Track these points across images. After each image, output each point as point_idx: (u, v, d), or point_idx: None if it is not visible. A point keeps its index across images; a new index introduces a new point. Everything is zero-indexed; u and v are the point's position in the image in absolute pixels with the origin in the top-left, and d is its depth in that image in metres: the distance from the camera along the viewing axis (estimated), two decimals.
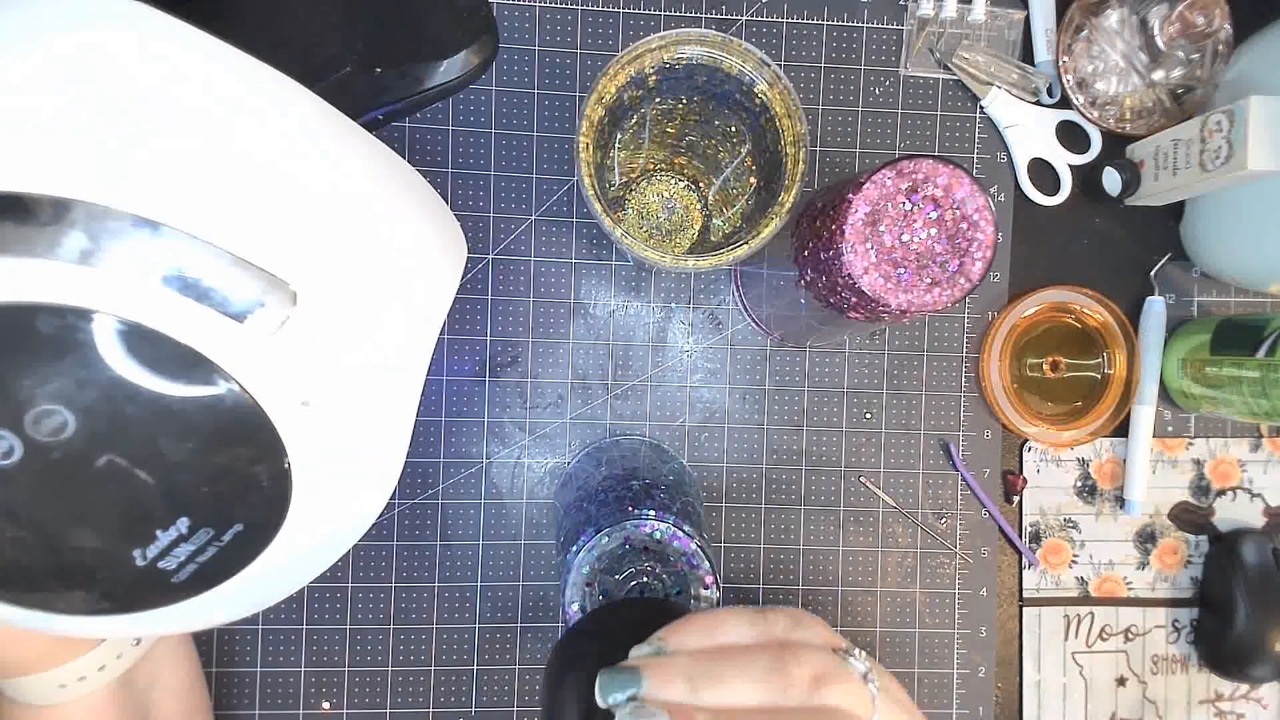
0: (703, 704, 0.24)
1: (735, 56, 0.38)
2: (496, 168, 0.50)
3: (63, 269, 0.23)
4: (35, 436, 0.24)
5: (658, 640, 0.27)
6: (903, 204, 0.34)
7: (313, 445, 0.28)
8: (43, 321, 0.23)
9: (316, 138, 0.28)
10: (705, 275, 0.51)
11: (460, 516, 0.50)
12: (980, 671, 0.53)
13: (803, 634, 0.27)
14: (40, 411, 0.24)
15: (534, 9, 0.49)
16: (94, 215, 0.23)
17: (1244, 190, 0.47)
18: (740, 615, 0.27)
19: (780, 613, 0.27)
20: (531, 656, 0.51)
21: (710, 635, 0.27)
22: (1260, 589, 0.51)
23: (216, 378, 0.25)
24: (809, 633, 0.27)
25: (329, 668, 0.49)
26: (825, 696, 0.25)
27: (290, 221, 0.27)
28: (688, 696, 0.24)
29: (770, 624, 0.27)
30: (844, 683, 0.25)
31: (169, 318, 0.24)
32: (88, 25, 0.25)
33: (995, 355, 0.51)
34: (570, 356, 0.51)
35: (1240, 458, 0.54)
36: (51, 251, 0.23)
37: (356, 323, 0.28)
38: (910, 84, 0.52)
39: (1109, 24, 0.50)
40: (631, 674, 0.25)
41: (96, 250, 0.23)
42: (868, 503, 0.52)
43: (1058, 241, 0.53)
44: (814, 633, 0.27)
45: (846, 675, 0.25)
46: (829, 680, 0.25)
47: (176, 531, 0.26)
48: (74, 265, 0.23)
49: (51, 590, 0.26)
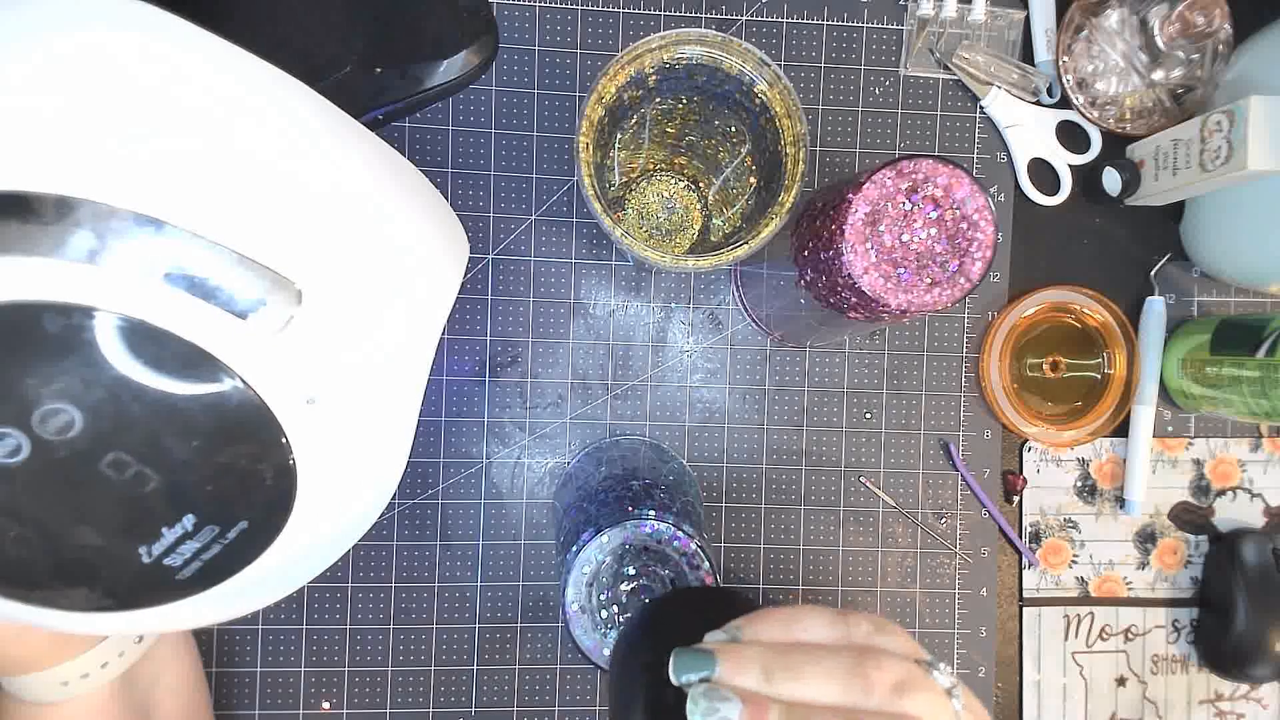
0: (778, 695, 0.24)
1: (735, 56, 0.38)
2: (496, 168, 0.50)
3: (68, 268, 0.23)
4: (42, 434, 0.24)
5: (734, 628, 0.26)
6: (903, 204, 0.34)
7: (317, 443, 0.28)
8: (49, 320, 0.23)
9: (318, 136, 0.28)
10: (705, 275, 0.51)
11: (460, 516, 0.50)
12: (980, 671, 0.53)
13: (885, 640, 0.26)
14: (47, 410, 0.24)
15: (534, 9, 0.49)
16: (99, 214, 0.23)
17: (1244, 190, 0.47)
18: (821, 613, 0.27)
19: (863, 617, 0.27)
20: (531, 657, 0.51)
21: (788, 630, 0.26)
22: (1260, 589, 0.51)
23: (222, 375, 0.25)
24: (892, 640, 0.26)
25: (329, 668, 0.49)
26: (907, 705, 0.24)
27: (294, 220, 0.27)
28: (762, 686, 0.24)
29: (852, 626, 0.26)
30: (928, 693, 0.24)
31: (174, 316, 0.24)
32: (89, 25, 0.25)
33: (995, 355, 0.51)
34: (570, 356, 0.51)
35: (1240, 458, 0.54)
36: (56, 250, 0.23)
37: (360, 321, 0.29)
38: (910, 84, 0.52)
39: (1109, 24, 0.50)
40: (707, 656, 0.24)
41: (101, 249, 0.23)
42: (868, 503, 0.52)
43: (1058, 241, 0.53)
44: (897, 642, 0.26)
45: (930, 686, 0.25)
46: (912, 689, 0.24)
47: (182, 529, 0.26)
48: (79, 264, 0.23)
49: (56, 587, 0.26)
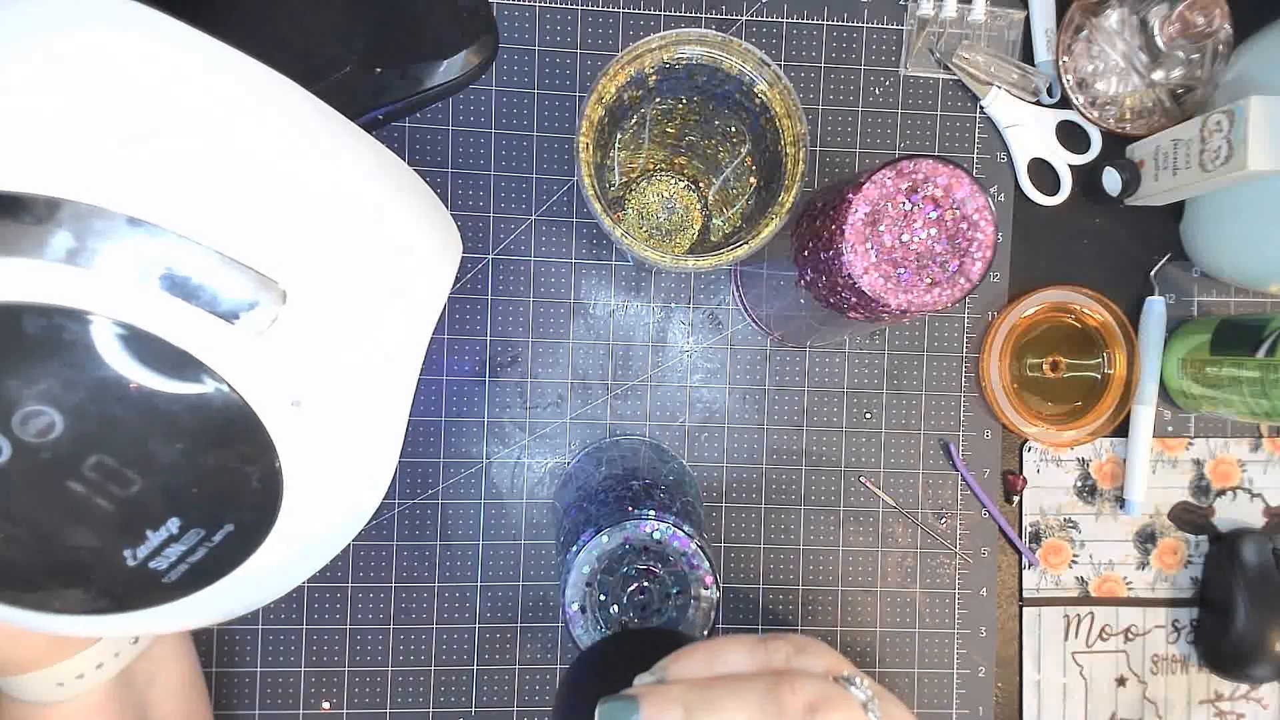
0: None
1: (735, 56, 0.38)
2: (496, 168, 0.50)
3: (50, 268, 0.23)
4: (23, 437, 0.24)
5: (660, 668, 0.27)
6: (903, 204, 0.34)
7: (304, 445, 0.27)
8: (30, 321, 0.23)
9: (306, 136, 0.28)
10: (705, 275, 0.51)
11: (460, 516, 0.50)
12: (980, 671, 0.53)
13: (803, 661, 0.26)
14: (28, 412, 0.23)
15: (534, 9, 0.49)
16: (81, 214, 0.23)
17: (1244, 190, 0.47)
18: (740, 643, 0.27)
19: (782, 640, 0.27)
20: (531, 657, 0.51)
21: (710, 664, 0.26)
22: (1260, 589, 0.51)
23: (206, 378, 0.25)
24: (810, 660, 0.26)
25: (329, 668, 0.49)
26: None
27: (280, 221, 0.26)
28: None
29: (771, 652, 0.27)
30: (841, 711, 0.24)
31: (158, 318, 0.24)
32: (87, 25, 0.25)
33: (995, 355, 0.51)
34: (570, 356, 0.51)
35: (1240, 458, 0.54)
36: (39, 250, 0.23)
37: (348, 322, 0.28)
38: (910, 84, 0.52)
39: (1109, 24, 0.50)
40: (629, 702, 0.25)
41: (84, 249, 0.23)
42: (868, 503, 0.52)
43: (1058, 241, 0.53)
44: (816, 660, 0.27)
45: (844, 703, 0.25)
46: (825, 707, 0.24)
47: (167, 532, 0.26)
48: (62, 264, 0.23)
49: (43, 590, 0.26)
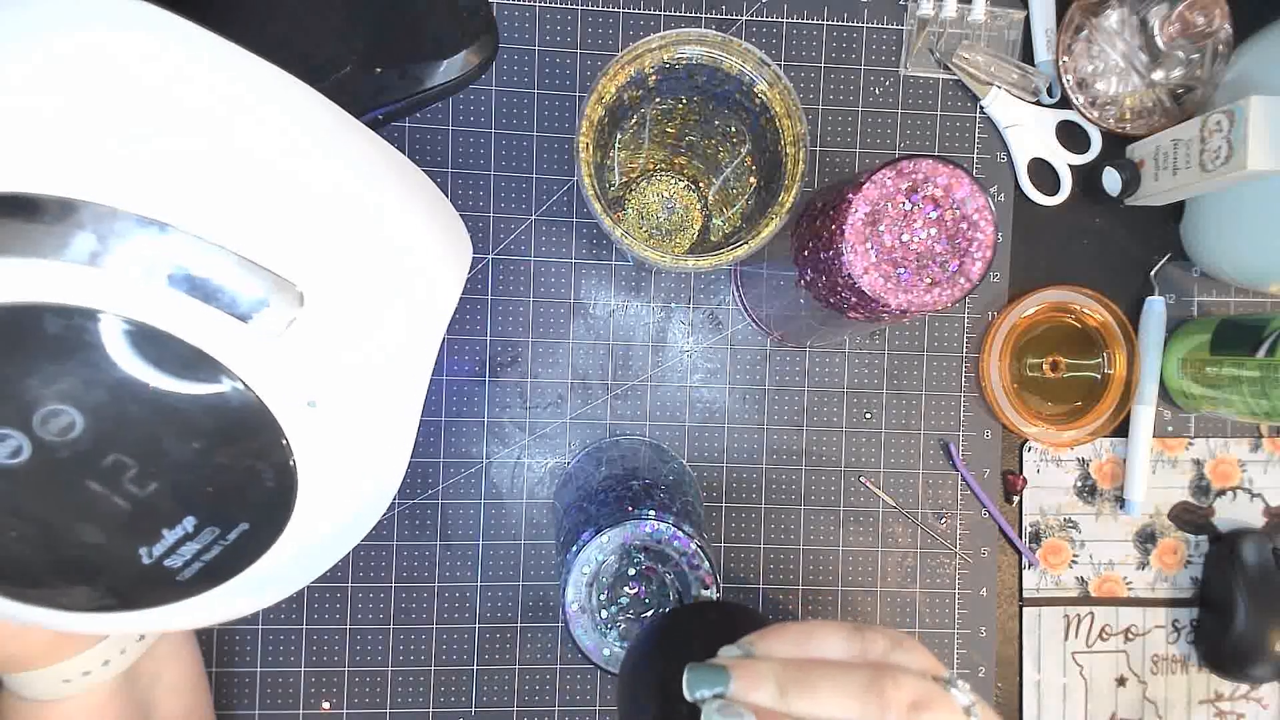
0: (793, 712, 0.24)
1: (735, 56, 0.38)
2: (496, 168, 0.50)
3: (69, 269, 0.23)
4: (43, 436, 0.24)
5: (748, 643, 0.26)
6: (903, 204, 0.34)
7: (318, 445, 0.28)
8: (50, 321, 0.23)
9: (320, 136, 0.28)
10: (705, 275, 0.51)
11: (460, 516, 0.50)
12: (980, 671, 0.53)
13: (902, 657, 0.26)
14: (48, 411, 0.24)
15: (534, 9, 0.49)
16: (100, 216, 0.23)
17: (1244, 190, 0.47)
18: (836, 629, 0.26)
19: (879, 633, 0.26)
20: (531, 657, 0.51)
21: (803, 646, 0.26)
22: (1260, 589, 0.51)
23: (223, 378, 0.25)
24: (909, 657, 0.26)
25: (329, 668, 0.49)
26: None
27: (296, 222, 0.27)
28: (777, 703, 0.24)
29: (868, 643, 0.26)
30: (945, 712, 0.24)
31: (175, 318, 0.24)
32: (89, 25, 0.25)
33: (995, 355, 0.51)
34: (570, 356, 0.51)
35: (1240, 458, 0.54)
36: (58, 252, 0.23)
37: (362, 322, 0.29)
38: (910, 84, 0.52)
39: (1109, 24, 0.50)
40: (721, 672, 0.24)
41: (103, 250, 0.23)
42: (868, 503, 0.52)
43: (1058, 241, 0.53)
44: (914, 658, 0.26)
45: (948, 705, 0.24)
46: (929, 707, 0.23)
47: (182, 530, 0.26)
48: (81, 265, 0.23)
49: (57, 586, 0.26)
